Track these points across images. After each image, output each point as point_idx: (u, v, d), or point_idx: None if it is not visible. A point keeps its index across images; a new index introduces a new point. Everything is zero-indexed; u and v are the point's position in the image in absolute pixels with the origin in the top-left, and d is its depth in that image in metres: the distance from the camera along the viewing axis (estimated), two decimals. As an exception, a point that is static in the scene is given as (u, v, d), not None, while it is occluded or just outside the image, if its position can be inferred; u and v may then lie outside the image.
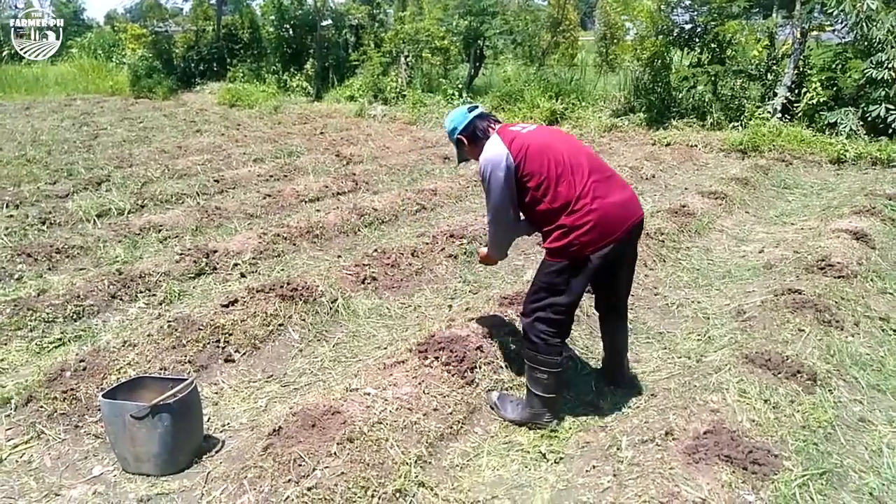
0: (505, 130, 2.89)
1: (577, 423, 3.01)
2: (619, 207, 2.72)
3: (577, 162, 2.74)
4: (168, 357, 3.45)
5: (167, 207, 6.54)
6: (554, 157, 2.72)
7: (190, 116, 13.46)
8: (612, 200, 2.70)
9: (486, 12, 14.14)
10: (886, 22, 9.00)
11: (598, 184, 2.71)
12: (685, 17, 11.64)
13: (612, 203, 2.70)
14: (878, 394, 3.23)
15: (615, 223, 2.70)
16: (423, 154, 9.20)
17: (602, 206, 2.66)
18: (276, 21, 17.21)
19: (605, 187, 2.72)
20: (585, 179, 2.69)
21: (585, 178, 2.70)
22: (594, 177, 2.72)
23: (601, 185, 2.72)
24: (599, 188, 2.70)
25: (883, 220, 5.69)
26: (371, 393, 2.95)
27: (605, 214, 2.66)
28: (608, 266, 2.81)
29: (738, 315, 4.08)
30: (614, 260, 2.81)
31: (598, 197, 2.67)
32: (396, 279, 4.69)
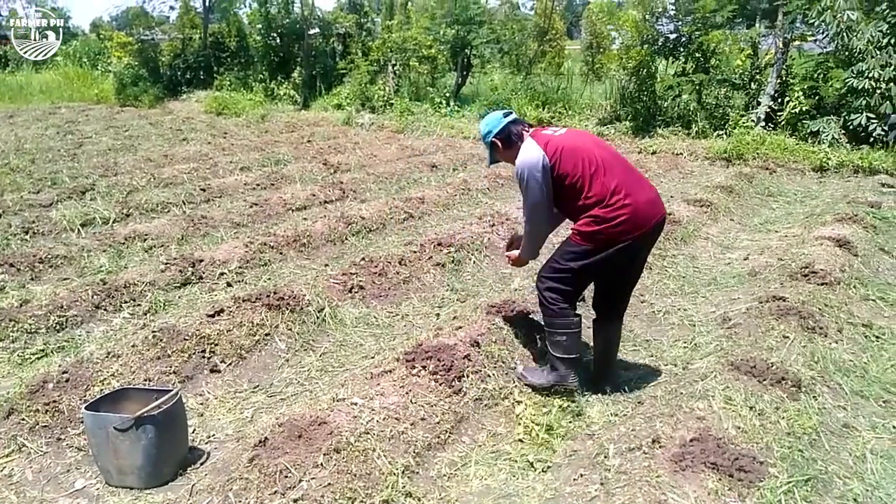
0: (538, 134, 3.11)
1: (564, 432, 3.02)
2: (649, 205, 2.96)
3: (609, 162, 2.99)
4: (153, 368, 3.41)
5: (153, 216, 6.50)
6: (587, 157, 2.96)
7: (176, 125, 13.40)
8: (642, 198, 2.95)
9: (473, 21, 14.21)
10: (866, 32, 9.15)
11: (630, 182, 2.97)
12: (670, 27, 11.76)
13: (643, 201, 2.94)
14: (861, 400, 3.26)
15: (644, 219, 2.94)
16: (410, 162, 9.21)
17: (634, 202, 2.90)
18: (263, 29, 17.20)
19: (636, 186, 2.98)
20: (617, 177, 2.94)
21: (617, 176, 2.94)
22: (625, 175, 2.98)
23: (632, 183, 2.97)
24: (631, 186, 2.95)
25: (865, 228, 5.76)
26: (358, 403, 2.93)
27: (636, 210, 2.90)
28: (627, 260, 3.04)
29: (723, 322, 4.12)
30: (630, 255, 3.03)
31: (630, 194, 2.91)
32: (384, 288, 4.68)
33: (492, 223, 5.97)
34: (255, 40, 18.19)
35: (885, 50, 9.06)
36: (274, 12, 17.18)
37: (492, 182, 8.00)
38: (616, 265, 3.04)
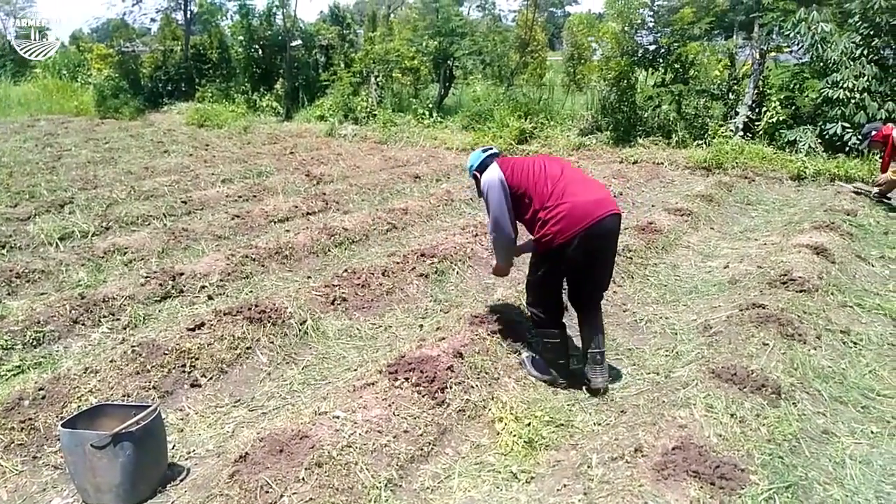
0: (502, 160, 3.61)
1: (548, 442, 3.02)
2: (588, 204, 3.23)
3: (553, 171, 3.39)
4: (131, 383, 3.37)
5: (133, 229, 6.43)
6: (534, 170, 3.42)
7: (157, 137, 13.29)
8: (582, 199, 3.24)
9: (455, 33, 14.29)
10: (840, 44, 9.34)
11: (571, 186, 3.30)
12: (649, 39, 11.92)
13: (583, 201, 3.24)
14: (840, 406, 3.30)
15: (582, 216, 3.20)
16: (393, 173, 9.21)
17: (572, 202, 3.22)
18: (245, 41, 17.16)
19: (578, 189, 3.29)
20: (558, 183, 3.31)
21: (558, 182, 3.32)
22: (567, 181, 3.33)
23: (574, 187, 3.30)
24: (571, 189, 3.28)
25: (842, 235, 5.85)
26: (340, 416, 2.91)
27: (573, 208, 3.21)
28: (582, 257, 3.29)
29: (704, 330, 4.15)
30: (586, 252, 3.27)
31: (570, 195, 3.25)
32: (367, 299, 4.66)
33: (475, 234, 5.98)
34: (237, 52, 18.14)
35: (859, 61, 9.26)
36: (256, 24, 17.16)
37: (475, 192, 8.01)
38: (574, 261, 3.31)
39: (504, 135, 11.60)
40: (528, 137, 11.78)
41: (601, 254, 3.36)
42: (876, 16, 9.22)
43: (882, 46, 9.39)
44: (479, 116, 12.90)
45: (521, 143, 11.56)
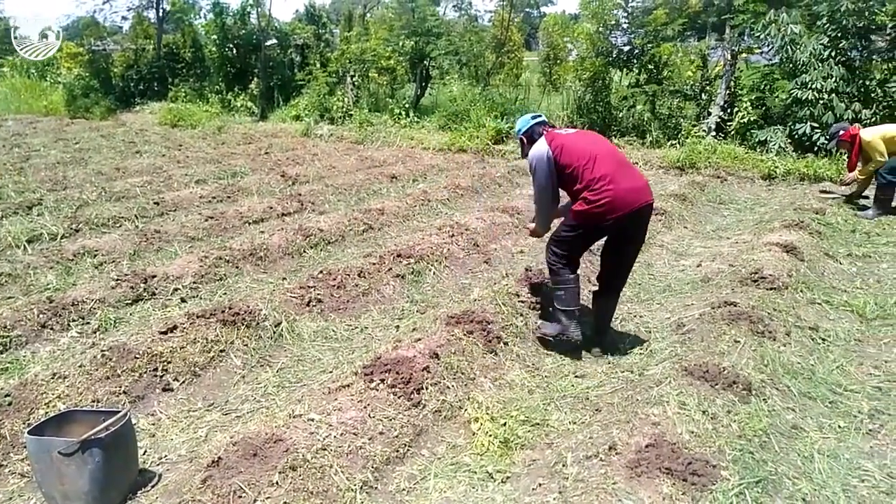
0: (551, 133, 3.83)
1: (523, 441, 3.03)
2: (630, 192, 3.56)
3: (601, 155, 3.63)
4: (101, 388, 3.31)
5: (103, 231, 6.31)
6: (583, 152, 3.64)
7: (129, 137, 13.09)
8: (624, 186, 3.55)
9: (431, 33, 14.28)
10: (809, 46, 9.52)
11: (616, 172, 3.57)
12: (623, 40, 12.04)
13: (624, 188, 3.55)
14: (809, 401, 3.36)
15: (623, 204, 3.54)
16: (370, 173, 9.17)
17: (615, 189, 3.52)
18: (218, 40, 16.96)
19: (620, 176, 3.58)
20: (605, 168, 3.57)
21: (605, 167, 3.57)
22: (613, 167, 3.59)
23: (618, 173, 3.58)
24: (616, 176, 3.56)
25: (811, 234, 5.97)
26: (315, 419, 2.89)
27: (616, 195, 3.52)
28: (615, 236, 3.73)
29: (678, 328, 4.20)
30: (619, 234, 3.70)
31: (614, 182, 3.53)
32: (343, 301, 4.64)
33: (451, 234, 5.98)
34: (210, 51, 17.92)
35: (827, 62, 9.44)
36: (230, 23, 16.97)
37: (451, 192, 8.03)
38: (608, 236, 3.76)
39: (480, 135, 11.63)
40: (505, 137, 11.81)
41: (631, 235, 3.75)
42: (843, 18, 9.41)
43: (849, 48, 9.59)
44: (455, 116, 12.90)
45: (498, 144, 11.59)
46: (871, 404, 3.32)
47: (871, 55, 9.72)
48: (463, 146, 11.54)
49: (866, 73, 9.50)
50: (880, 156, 6.79)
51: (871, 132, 6.95)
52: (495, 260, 5.71)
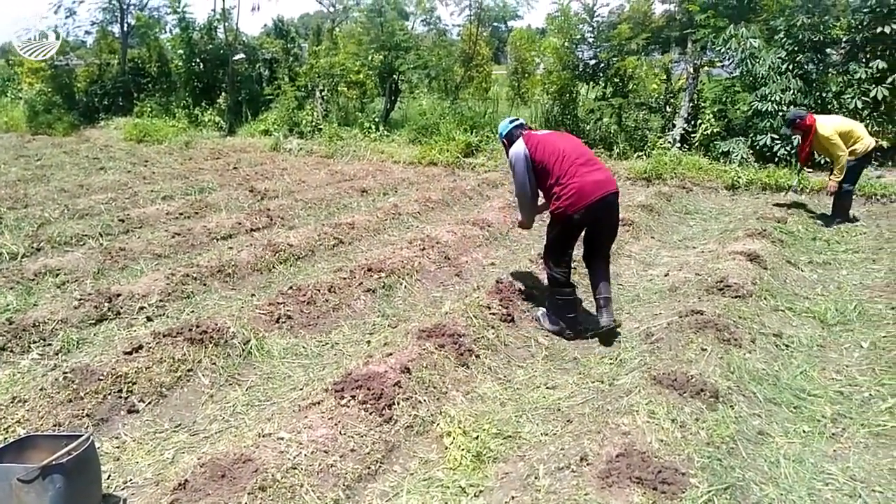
0: (528, 134, 4.35)
1: (496, 455, 3.02)
2: (594, 183, 4.02)
3: (568, 151, 4.13)
4: (63, 412, 3.22)
5: (66, 250, 6.17)
6: (553, 148, 4.15)
7: (93, 153, 12.84)
8: (589, 179, 4.02)
9: (400, 47, 14.34)
10: (767, 59, 9.81)
11: (581, 166, 4.06)
12: (589, 54, 12.24)
13: (590, 180, 4.01)
14: (774, 407, 3.43)
15: (589, 193, 3.99)
16: (340, 187, 9.15)
17: (581, 181, 4.00)
18: (185, 55, 16.80)
19: (585, 169, 4.06)
20: (572, 163, 4.06)
21: (572, 162, 4.07)
22: (579, 162, 4.08)
23: (583, 167, 4.06)
24: (581, 169, 4.05)
25: (773, 242, 6.11)
26: (285, 437, 2.86)
27: (582, 186, 3.99)
28: (589, 225, 4.21)
29: (646, 337, 4.25)
30: (593, 220, 4.16)
31: (579, 175, 4.02)
32: (313, 316, 4.60)
33: (422, 247, 5.98)
34: (177, 66, 17.72)
35: (785, 75, 9.74)
36: (196, 37, 16.83)
37: (422, 206, 8.04)
38: (582, 225, 4.20)
39: (451, 148, 11.68)
40: (475, 150, 11.90)
41: (604, 220, 4.21)
42: (799, 32, 9.73)
43: (805, 62, 9.91)
44: (425, 130, 12.95)
45: (468, 157, 11.66)
46: (833, 408, 3.40)
47: (827, 68, 10.05)
48: (433, 159, 11.58)
49: (823, 86, 9.81)
50: (841, 151, 6.85)
51: (828, 126, 6.95)
52: (466, 273, 5.73)
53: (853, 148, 6.91)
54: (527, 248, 6.47)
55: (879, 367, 3.85)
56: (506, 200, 8.11)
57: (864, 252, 6.21)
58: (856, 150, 6.92)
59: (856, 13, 9.85)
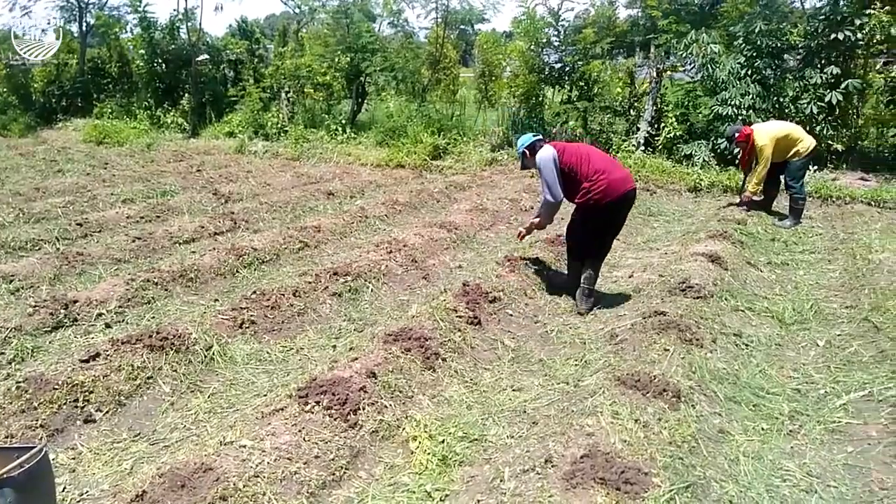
0: (553, 142, 5.02)
1: (462, 458, 3.02)
2: (618, 181, 4.68)
3: (594, 155, 4.81)
4: (16, 423, 3.11)
5: (21, 255, 5.98)
6: (579, 153, 4.80)
7: (50, 155, 12.49)
8: (614, 176, 4.67)
9: (367, 49, 14.28)
10: (727, 64, 10.05)
11: (607, 167, 4.72)
12: (555, 57, 12.37)
13: (614, 178, 4.67)
14: (734, 405, 3.49)
15: (615, 188, 4.65)
16: (306, 190, 9.06)
17: (608, 178, 4.65)
18: (146, 55, 16.45)
19: (611, 168, 4.73)
20: (598, 164, 4.72)
21: (597, 163, 4.72)
22: (603, 163, 4.75)
23: (609, 167, 4.73)
24: (608, 168, 4.70)
25: (733, 244, 6.24)
26: (247, 445, 2.81)
27: (609, 183, 4.64)
28: (608, 217, 4.80)
29: (611, 338, 4.30)
30: (611, 214, 4.78)
31: (606, 173, 4.66)
32: (277, 321, 4.54)
33: (389, 250, 5.96)
34: (138, 66, 17.35)
35: (744, 80, 9.98)
36: (158, 37, 16.50)
37: (389, 209, 8.01)
38: (604, 219, 4.81)
39: (418, 150, 11.68)
40: (443, 153, 11.91)
41: (622, 213, 4.87)
42: (757, 39, 9.99)
43: (763, 67, 10.17)
44: (393, 132, 12.91)
45: (436, 159, 11.67)
46: (791, 406, 3.48)
47: (784, 74, 10.33)
48: (401, 162, 11.56)
49: (780, 91, 10.07)
50: (764, 166, 7.24)
51: (764, 135, 7.24)
52: (433, 276, 5.72)
53: (796, 149, 7.19)
54: (494, 250, 6.49)
55: (835, 365, 3.96)
56: (473, 203, 8.13)
57: (819, 253, 6.40)
58: (799, 151, 7.21)
59: (811, 20, 10.17)
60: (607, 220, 4.83)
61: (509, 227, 7.50)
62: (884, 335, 4.25)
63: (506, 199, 8.45)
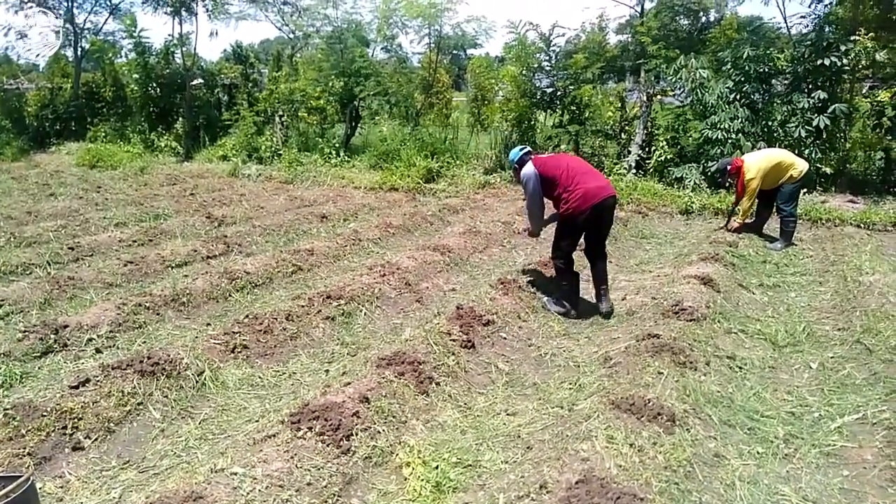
0: (536, 157, 5.31)
1: (456, 484, 2.99)
2: (597, 188, 4.94)
3: (572, 165, 5.12)
4: (2, 451, 3.07)
5: (11, 279, 5.94)
6: (558, 165, 5.11)
7: (43, 179, 12.47)
8: (590, 185, 4.94)
9: (361, 74, 14.40)
10: (716, 89, 10.19)
11: (583, 176, 5.01)
12: (546, 82, 12.52)
13: (591, 186, 4.93)
14: (729, 429, 3.48)
15: (592, 196, 4.90)
16: (299, 213, 9.07)
17: (585, 187, 4.92)
18: (141, 79, 16.53)
19: (587, 178, 5.01)
20: (576, 174, 5.01)
21: (576, 173, 5.02)
22: (581, 173, 5.05)
23: (585, 176, 5.02)
24: (584, 178, 4.99)
25: (725, 266, 6.27)
26: (238, 472, 2.77)
27: (586, 191, 4.90)
28: (591, 223, 5.03)
29: (605, 362, 4.29)
30: (594, 220, 5.01)
31: (582, 183, 4.95)
32: (270, 346, 4.51)
33: (383, 273, 5.95)
34: (132, 90, 17.43)
35: (733, 104, 10.12)
36: (153, 62, 16.60)
37: (383, 232, 8.02)
38: (587, 227, 5.08)
39: (412, 174, 11.72)
40: (436, 176, 11.96)
41: (603, 219, 5.10)
42: (745, 64, 10.15)
43: (752, 91, 10.32)
44: (386, 156, 12.97)
45: (429, 182, 11.71)
46: (785, 429, 3.48)
47: (772, 98, 10.48)
48: (394, 185, 11.60)
49: (768, 115, 10.21)
50: (750, 199, 7.50)
51: (754, 165, 7.41)
52: (427, 299, 5.71)
53: (789, 174, 7.32)
54: (487, 273, 6.50)
55: (828, 388, 3.96)
56: (466, 226, 8.16)
57: (811, 275, 6.44)
58: (792, 176, 7.32)
59: (797, 46, 10.35)
60: (589, 225, 5.07)
61: (502, 249, 7.52)
62: (876, 357, 4.26)
63: (499, 222, 8.47)
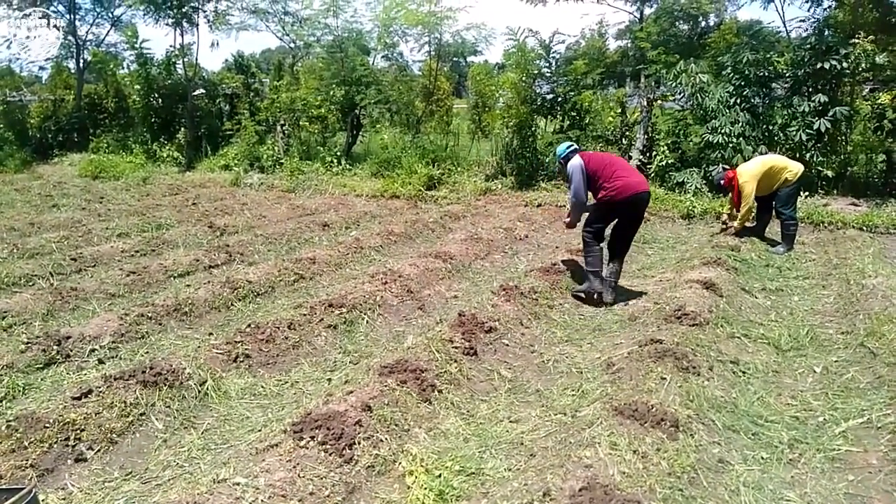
0: (582, 153, 5.84)
1: (459, 493, 2.98)
2: (633, 183, 5.53)
3: (614, 161, 5.72)
4: (6, 463, 3.06)
5: (14, 291, 5.95)
6: (601, 160, 5.73)
7: (46, 190, 12.52)
8: (629, 179, 5.53)
9: (361, 82, 14.46)
10: (716, 93, 10.19)
11: (624, 170, 5.64)
12: (547, 88, 12.54)
13: (629, 181, 5.52)
14: (733, 434, 3.47)
15: (629, 189, 5.48)
16: (301, 222, 9.08)
17: (624, 181, 5.50)
18: (143, 90, 16.61)
19: (628, 173, 5.63)
20: (616, 168, 5.61)
21: (616, 168, 5.61)
22: (621, 168, 5.66)
23: (626, 171, 5.66)
24: (624, 172, 5.61)
25: (727, 270, 6.26)
26: (241, 482, 2.77)
27: (625, 184, 5.49)
28: (626, 212, 5.63)
29: (608, 368, 4.28)
30: (629, 208, 5.58)
31: (622, 177, 5.53)
32: (272, 355, 4.51)
33: (385, 281, 5.95)
34: (134, 101, 17.51)
35: (733, 109, 10.12)
36: (155, 73, 16.68)
37: (385, 239, 8.03)
38: (620, 215, 5.65)
39: (413, 181, 11.74)
40: (437, 183, 11.98)
41: (636, 212, 5.65)
42: (745, 68, 10.15)
43: (752, 95, 10.32)
44: (387, 163, 13.01)
45: (430, 190, 11.73)
46: (790, 434, 3.46)
47: (773, 102, 10.48)
48: (396, 192, 11.62)
49: (769, 119, 10.21)
50: (746, 204, 7.54)
51: (746, 171, 7.52)
52: (429, 306, 5.71)
53: (784, 178, 7.36)
54: (489, 280, 6.49)
55: (832, 392, 3.94)
56: (468, 233, 8.16)
57: (813, 278, 6.42)
58: (787, 179, 7.36)
59: (797, 50, 10.36)
60: (622, 215, 5.63)
61: (504, 256, 7.52)
62: (880, 361, 4.24)
63: (500, 229, 8.47)
